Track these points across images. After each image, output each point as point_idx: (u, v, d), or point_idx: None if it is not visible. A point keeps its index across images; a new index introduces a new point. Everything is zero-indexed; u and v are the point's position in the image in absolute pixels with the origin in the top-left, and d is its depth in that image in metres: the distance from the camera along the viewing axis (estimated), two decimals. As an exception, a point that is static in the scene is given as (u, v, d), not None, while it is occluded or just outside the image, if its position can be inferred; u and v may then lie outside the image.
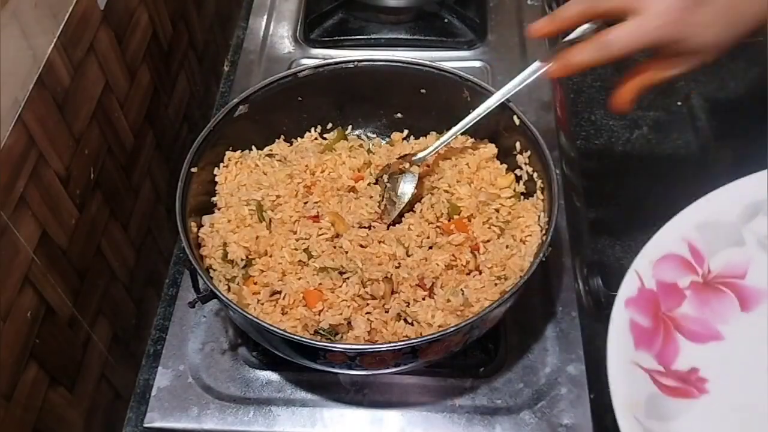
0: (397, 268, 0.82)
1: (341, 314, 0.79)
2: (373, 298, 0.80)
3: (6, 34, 0.67)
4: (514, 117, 0.88)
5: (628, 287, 0.70)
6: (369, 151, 0.96)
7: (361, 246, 0.84)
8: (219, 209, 0.90)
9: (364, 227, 0.88)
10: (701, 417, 0.64)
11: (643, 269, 0.71)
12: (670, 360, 0.67)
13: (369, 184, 0.92)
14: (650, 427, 0.62)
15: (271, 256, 0.84)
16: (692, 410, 0.65)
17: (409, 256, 0.84)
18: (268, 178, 0.91)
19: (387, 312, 0.80)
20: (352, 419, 0.84)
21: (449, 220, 0.87)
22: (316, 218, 0.87)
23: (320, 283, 0.81)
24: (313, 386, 0.86)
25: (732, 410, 0.64)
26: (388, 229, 0.88)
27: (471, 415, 0.83)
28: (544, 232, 0.82)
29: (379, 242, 0.85)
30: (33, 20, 0.71)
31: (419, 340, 0.73)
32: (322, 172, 0.92)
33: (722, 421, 0.64)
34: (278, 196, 0.88)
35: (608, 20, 0.74)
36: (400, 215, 0.89)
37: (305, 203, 0.90)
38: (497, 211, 0.88)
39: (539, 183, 0.87)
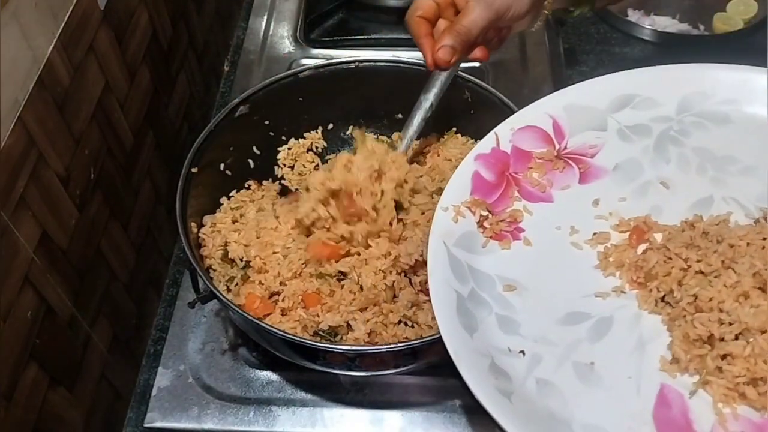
0: (399, 274, 0.82)
1: (341, 316, 0.79)
2: (375, 304, 0.80)
3: (6, 34, 0.67)
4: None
5: (483, 145, 0.77)
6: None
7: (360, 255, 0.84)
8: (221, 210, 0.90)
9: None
10: (504, 257, 0.71)
11: (503, 133, 0.78)
12: (499, 210, 0.74)
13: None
14: (455, 253, 0.69)
15: (266, 263, 0.84)
16: (499, 251, 0.72)
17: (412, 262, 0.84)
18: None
19: (387, 315, 0.80)
20: (352, 419, 0.84)
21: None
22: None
23: (318, 288, 0.81)
24: (314, 386, 0.86)
25: (533, 257, 0.71)
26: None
27: (471, 415, 0.83)
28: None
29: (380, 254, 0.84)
30: (33, 20, 0.71)
31: (419, 341, 0.73)
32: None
33: (520, 263, 0.71)
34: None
35: None
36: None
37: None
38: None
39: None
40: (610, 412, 0.61)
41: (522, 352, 0.64)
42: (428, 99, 0.86)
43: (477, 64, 1.18)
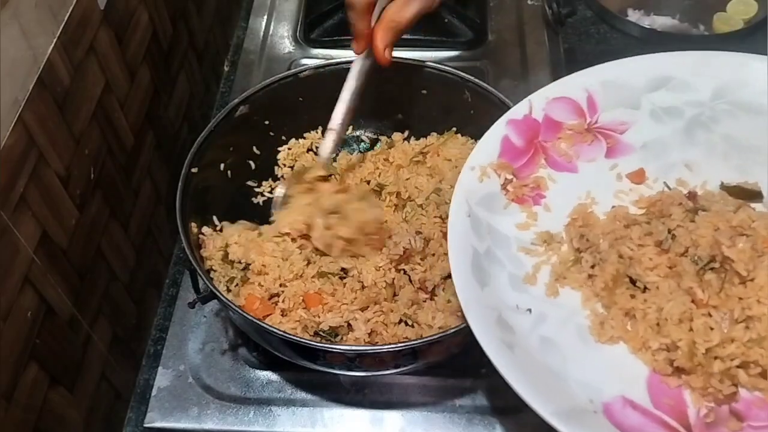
0: (397, 271, 0.82)
1: (341, 316, 0.79)
2: (376, 303, 0.80)
3: (6, 34, 0.67)
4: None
5: (516, 111, 0.79)
6: None
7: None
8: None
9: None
10: (521, 219, 0.74)
11: (537, 102, 0.80)
12: (524, 175, 0.77)
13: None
14: (476, 212, 0.72)
15: (266, 265, 0.84)
16: (518, 213, 0.75)
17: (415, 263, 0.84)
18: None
19: (388, 315, 0.80)
20: (352, 419, 0.84)
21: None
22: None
23: (320, 288, 0.81)
24: (314, 386, 0.86)
25: (549, 220, 0.74)
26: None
27: (471, 415, 0.83)
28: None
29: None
30: (33, 20, 0.71)
31: (419, 341, 0.73)
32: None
33: (534, 226, 0.74)
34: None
35: None
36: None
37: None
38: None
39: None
40: (606, 373, 0.64)
41: (529, 310, 0.67)
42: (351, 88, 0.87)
43: (477, 64, 1.19)
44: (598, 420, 0.60)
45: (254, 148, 0.96)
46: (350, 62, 0.97)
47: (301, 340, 0.75)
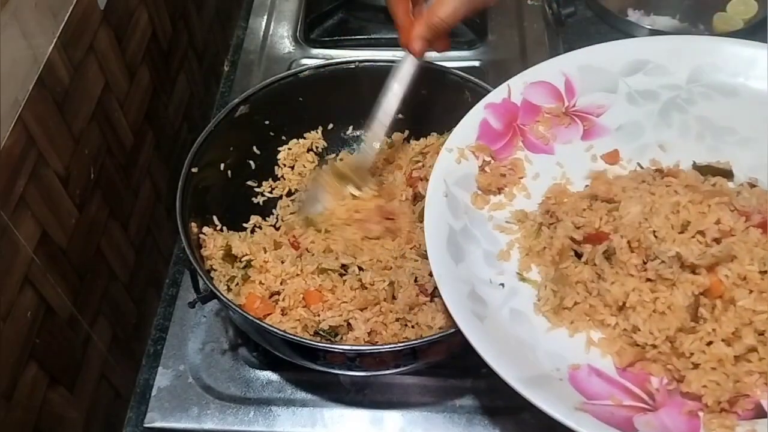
0: (399, 268, 0.82)
1: (341, 315, 0.79)
2: (375, 303, 0.80)
3: (6, 34, 0.67)
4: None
5: (495, 95, 0.81)
6: None
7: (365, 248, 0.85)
8: None
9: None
10: (498, 199, 0.77)
11: (516, 86, 0.82)
12: (502, 157, 0.79)
13: None
14: (453, 192, 0.75)
15: (268, 260, 0.84)
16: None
17: (415, 261, 0.84)
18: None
19: (387, 315, 0.80)
20: (352, 419, 0.84)
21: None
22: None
23: (320, 284, 0.81)
24: (314, 386, 0.86)
25: (524, 200, 0.77)
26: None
27: (471, 415, 0.83)
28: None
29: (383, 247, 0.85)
30: (33, 20, 0.71)
31: (420, 341, 0.73)
32: None
33: (510, 205, 0.77)
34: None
35: None
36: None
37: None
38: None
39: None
40: (573, 344, 0.66)
41: (502, 284, 0.70)
42: (400, 88, 0.85)
43: (477, 64, 1.19)
44: (563, 386, 0.62)
45: (254, 148, 0.96)
46: (350, 62, 0.97)
47: (302, 339, 0.75)
